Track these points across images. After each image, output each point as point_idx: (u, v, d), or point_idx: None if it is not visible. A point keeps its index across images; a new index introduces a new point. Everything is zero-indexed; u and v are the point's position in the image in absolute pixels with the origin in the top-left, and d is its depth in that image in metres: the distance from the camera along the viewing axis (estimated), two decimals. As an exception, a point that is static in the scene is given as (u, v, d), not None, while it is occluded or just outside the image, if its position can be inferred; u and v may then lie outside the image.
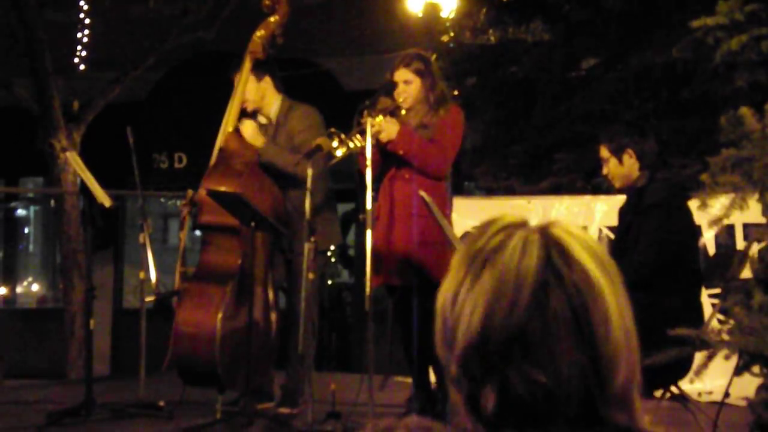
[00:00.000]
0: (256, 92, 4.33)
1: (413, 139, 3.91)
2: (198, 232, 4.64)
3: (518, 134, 6.23)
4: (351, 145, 3.83)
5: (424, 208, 3.77)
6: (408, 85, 3.96)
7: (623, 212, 3.77)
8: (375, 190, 3.89)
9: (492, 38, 6.37)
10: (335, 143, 3.82)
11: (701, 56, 4.02)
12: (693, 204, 3.33)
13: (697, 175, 3.08)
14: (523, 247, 0.81)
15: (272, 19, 4.42)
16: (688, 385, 3.38)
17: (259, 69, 4.33)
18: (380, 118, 3.90)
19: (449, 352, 0.80)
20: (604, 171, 3.73)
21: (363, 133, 3.87)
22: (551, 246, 0.81)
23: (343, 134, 3.83)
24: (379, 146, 3.94)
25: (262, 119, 4.40)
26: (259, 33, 4.38)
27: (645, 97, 5.84)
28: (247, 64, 4.33)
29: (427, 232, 3.86)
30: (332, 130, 3.86)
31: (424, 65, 3.99)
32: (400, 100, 3.97)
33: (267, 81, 4.36)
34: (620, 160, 3.63)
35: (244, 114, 4.41)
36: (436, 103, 3.96)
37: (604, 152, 3.68)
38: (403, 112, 3.98)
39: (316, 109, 4.40)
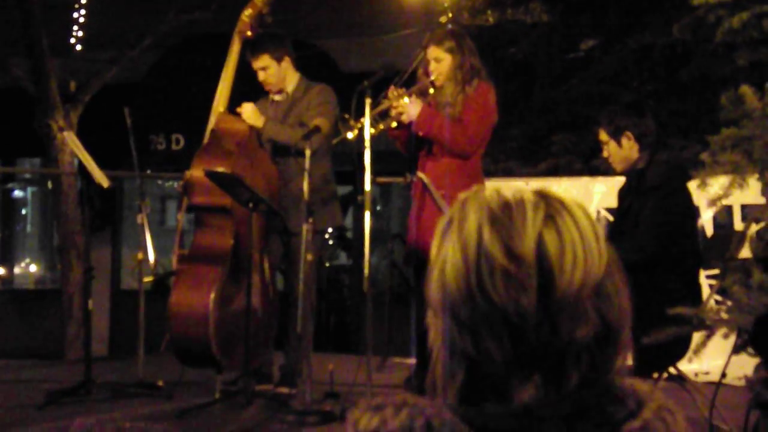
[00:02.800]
0: (277, 74, 4.34)
1: (434, 119, 3.87)
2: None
3: (517, 116, 6.21)
4: (366, 127, 3.80)
5: (453, 188, 3.75)
6: (439, 62, 3.92)
7: (623, 193, 3.76)
8: (411, 170, 3.91)
9: (490, 19, 6.33)
10: (349, 126, 3.83)
11: (701, 37, 4.00)
12: (692, 185, 3.33)
13: (697, 156, 3.08)
14: (584, 211, 0.88)
15: (259, -3, 4.42)
16: (685, 366, 3.40)
17: (278, 51, 4.32)
18: (403, 98, 3.87)
19: (527, 288, 0.83)
20: (604, 154, 3.71)
21: (383, 114, 3.88)
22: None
23: (353, 120, 3.82)
24: (404, 127, 3.94)
25: (278, 97, 4.41)
26: (247, 12, 4.40)
27: (644, 77, 5.83)
28: (237, 44, 4.36)
29: None
30: (345, 116, 3.85)
31: (456, 42, 3.94)
32: (432, 77, 3.93)
33: (287, 61, 4.37)
34: (619, 143, 3.61)
35: (237, 94, 4.41)
36: (463, 81, 3.91)
37: (603, 135, 3.66)
38: (432, 90, 3.95)
39: (331, 89, 4.40)
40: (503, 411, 0.82)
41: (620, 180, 3.86)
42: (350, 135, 3.86)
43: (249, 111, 4.26)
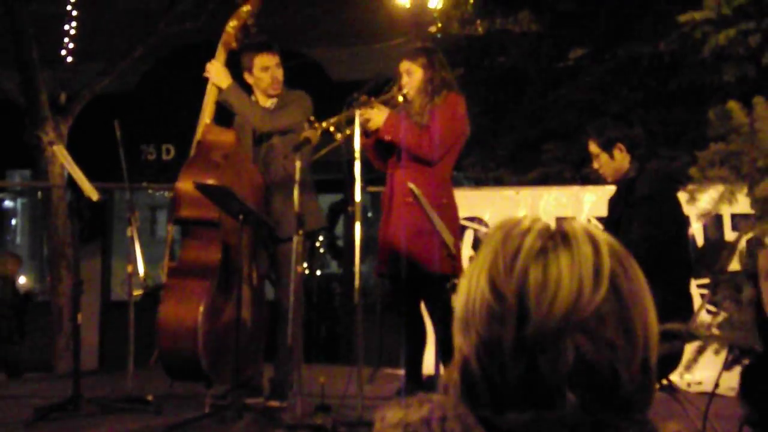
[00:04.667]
0: (264, 80, 4.36)
1: (400, 124, 3.95)
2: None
3: (506, 125, 6.22)
4: (333, 132, 3.85)
5: (424, 196, 3.77)
6: (410, 75, 4.02)
7: (613, 203, 3.77)
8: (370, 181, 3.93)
9: (480, 29, 6.35)
10: (315, 128, 3.85)
11: (689, 48, 4.02)
12: (682, 195, 3.33)
13: (686, 167, 3.08)
14: (593, 244, 0.86)
15: (244, 8, 4.42)
16: (677, 376, 3.39)
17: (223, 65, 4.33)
18: (369, 107, 3.91)
19: (507, 324, 0.83)
20: (595, 165, 3.71)
21: (350, 121, 3.89)
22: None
23: (325, 122, 3.84)
24: (368, 134, 3.98)
25: (268, 103, 4.41)
26: (232, 23, 4.39)
27: (632, 86, 5.84)
28: (222, 55, 4.35)
29: (421, 222, 3.86)
30: (311, 118, 3.89)
31: (427, 57, 4.03)
32: (404, 91, 4.01)
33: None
34: (611, 155, 3.62)
35: (222, 106, 4.41)
36: (433, 92, 3.99)
37: (594, 147, 3.66)
38: (400, 99, 4.00)
39: (307, 95, 4.42)
40: (521, 418, 0.83)
41: (611, 189, 3.86)
42: (315, 139, 3.87)
43: (214, 69, 4.27)
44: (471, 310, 0.85)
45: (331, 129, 3.85)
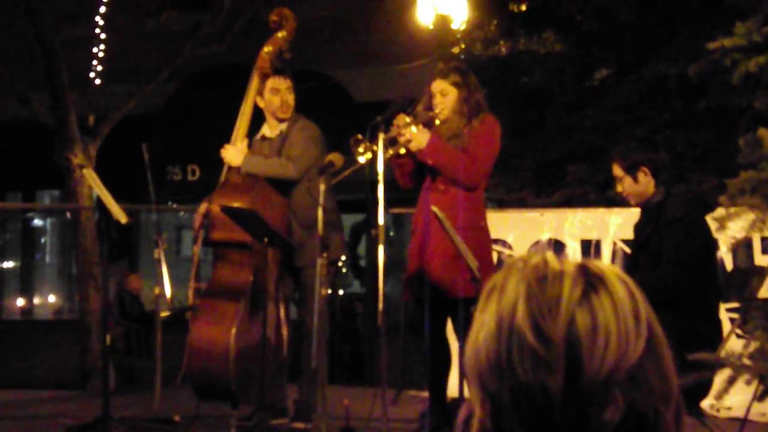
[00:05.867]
0: (273, 104, 4.38)
1: (443, 149, 3.90)
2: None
3: (530, 146, 6.21)
4: (377, 151, 3.81)
5: (459, 219, 3.76)
6: (444, 96, 3.96)
7: (640, 226, 3.73)
8: (407, 201, 3.89)
9: (503, 49, 6.36)
10: (361, 149, 3.83)
11: (718, 69, 4.00)
12: (711, 220, 3.31)
13: (715, 190, 3.06)
14: (626, 287, 0.84)
15: (279, 34, 4.45)
16: (706, 401, 3.35)
17: (256, 91, 4.36)
18: (411, 127, 3.90)
19: (553, 371, 0.81)
20: (618, 189, 3.69)
21: (392, 141, 3.89)
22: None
23: (368, 141, 3.83)
24: (411, 156, 3.96)
25: (269, 132, 4.44)
26: (267, 49, 4.42)
27: (659, 107, 5.82)
28: (255, 80, 4.38)
29: (453, 246, 3.82)
30: (358, 136, 3.85)
31: (461, 77, 3.98)
32: (437, 111, 3.97)
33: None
34: (635, 179, 3.59)
35: (255, 129, 4.45)
36: (470, 114, 3.94)
37: (618, 170, 3.63)
38: (438, 122, 3.98)
39: (314, 125, 4.42)
40: None
41: (637, 211, 3.84)
42: (362, 159, 3.87)
43: (229, 154, 4.31)
44: (506, 352, 0.82)
45: (380, 150, 3.82)
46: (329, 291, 4.24)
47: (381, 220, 3.84)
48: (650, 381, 0.81)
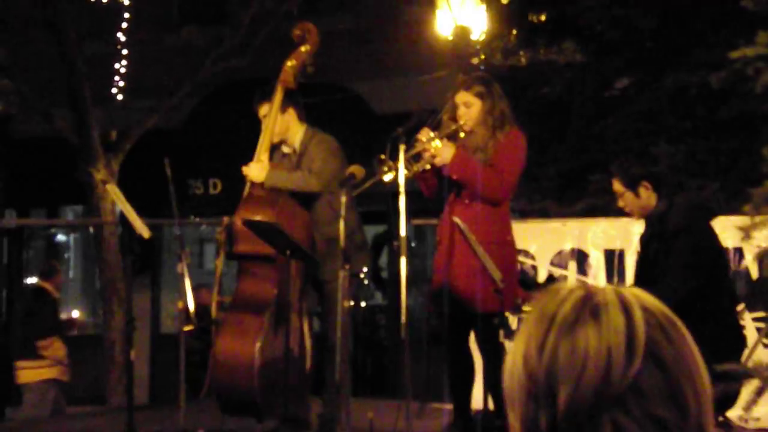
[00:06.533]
0: (281, 124, 4.37)
1: (468, 163, 3.87)
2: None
3: (552, 156, 6.19)
4: (401, 174, 3.81)
5: (484, 233, 3.74)
6: (468, 107, 3.92)
7: (646, 239, 3.73)
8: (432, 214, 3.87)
9: (523, 60, 6.35)
10: (385, 168, 3.83)
11: (740, 78, 3.97)
12: (735, 227, 3.29)
13: (715, 194, 3.04)
14: (624, 307, 0.82)
15: (303, 48, 4.45)
16: (733, 411, 3.31)
17: (283, 101, 4.36)
18: (434, 141, 3.89)
19: (541, 405, 0.81)
20: (620, 204, 3.68)
21: (417, 157, 3.89)
22: (644, 307, 0.84)
23: (391, 161, 3.82)
24: (435, 170, 3.94)
25: (286, 149, 4.45)
26: (290, 63, 4.40)
27: (681, 116, 5.78)
28: (279, 94, 4.36)
29: (477, 259, 3.80)
30: (381, 156, 3.85)
31: (485, 87, 3.94)
32: (461, 122, 3.94)
33: (290, 113, 4.39)
34: (636, 193, 3.58)
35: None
36: (494, 126, 3.90)
37: (618, 186, 3.63)
38: (462, 135, 3.96)
39: (332, 138, 4.42)
40: None
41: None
42: (387, 177, 3.86)
43: (253, 171, 4.31)
44: (510, 388, 0.83)
45: (407, 169, 3.81)
46: (351, 303, 4.23)
47: (403, 232, 3.83)
48: (654, 412, 0.79)
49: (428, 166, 3.94)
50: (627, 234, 5.15)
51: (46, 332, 5.13)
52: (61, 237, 11.47)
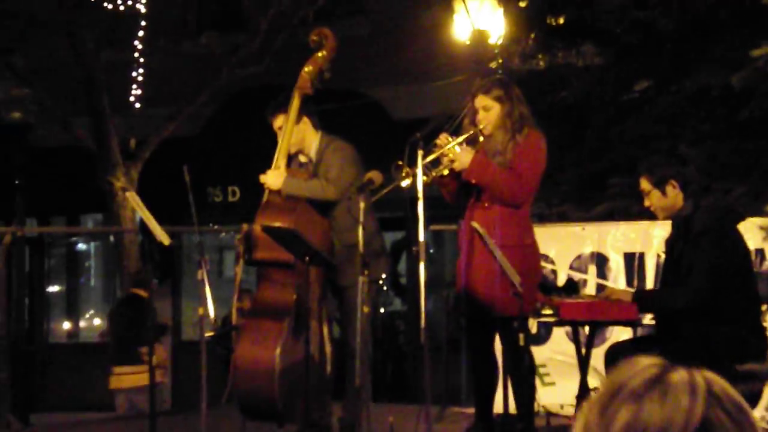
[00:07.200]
0: (296, 134, 4.37)
1: (487, 167, 3.86)
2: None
3: (570, 160, 6.16)
4: (419, 179, 3.81)
5: (504, 237, 3.73)
6: (487, 111, 3.91)
7: (671, 241, 3.72)
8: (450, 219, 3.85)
9: (541, 63, 6.33)
10: (403, 174, 3.83)
11: (762, 76, 3.94)
12: (758, 228, 3.27)
13: (741, 198, 3.02)
14: (692, 390, 0.86)
15: (320, 54, 4.44)
16: (755, 411, 3.29)
17: (299, 110, 4.35)
18: (454, 147, 3.88)
19: None
20: (646, 203, 3.66)
21: (435, 162, 3.88)
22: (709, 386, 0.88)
23: (408, 167, 3.82)
24: (454, 175, 3.94)
25: (303, 158, 4.46)
26: (307, 69, 4.40)
27: (701, 117, 5.74)
28: (296, 100, 4.36)
29: (498, 264, 3.79)
30: (399, 162, 3.84)
31: (504, 91, 3.93)
32: (480, 126, 3.93)
33: (305, 121, 4.39)
34: (663, 192, 3.57)
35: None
36: (513, 129, 3.89)
37: (646, 185, 3.61)
38: (482, 138, 3.94)
39: (349, 144, 4.41)
40: None
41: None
42: (405, 183, 3.86)
43: (269, 178, 4.32)
44: None
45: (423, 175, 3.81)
46: (371, 309, 4.23)
47: (422, 237, 3.83)
48: None
49: (446, 171, 3.94)
50: (647, 237, 5.12)
51: (150, 338, 5.20)
52: (81, 245, 11.54)
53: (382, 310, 9.57)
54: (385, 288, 9.74)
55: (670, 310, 3.55)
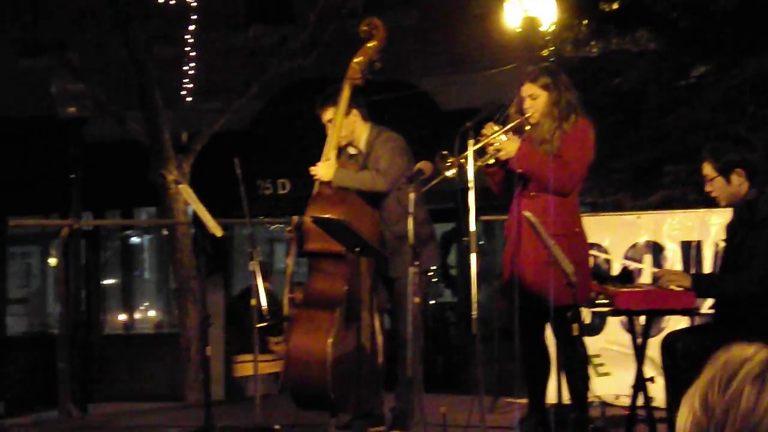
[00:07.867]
0: (346, 127, 4.36)
1: (533, 156, 3.82)
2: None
3: (625, 148, 6.04)
4: (464, 163, 3.78)
5: (552, 225, 3.68)
6: (534, 99, 3.87)
7: (732, 227, 3.61)
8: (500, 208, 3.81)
9: (594, 50, 6.21)
10: (447, 163, 3.80)
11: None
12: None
13: None
14: None
15: (370, 44, 4.41)
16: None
17: (349, 101, 4.33)
18: (500, 136, 3.85)
19: None
20: (708, 189, 3.53)
21: (481, 151, 3.85)
22: None
23: (453, 156, 3.79)
24: (501, 164, 3.90)
25: (352, 150, 4.45)
26: (357, 59, 4.38)
27: (761, 103, 5.57)
28: (347, 91, 4.34)
29: (547, 253, 3.74)
30: (443, 152, 3.82)
31: (551, 79, 3.88)
32: (527, 115, 3.89)
33: (355, 113, 4.37)
34: (728, 179, 3.44)
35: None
36: (561, 116, 3.84)
37: (709, 170, 3.48)
38: (528, 127, 3.90)
39: (398, 135, 4.39)
40: None
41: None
42: (450, 173, 3.83)
43: (320, 170, 4.31)
44: (682, 428, 0.93)
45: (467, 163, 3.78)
46: (422, 300, 4.21)
47: (473, 227, 3.79)
48: None
49: (492, 161, 3.90)
50: (704, 225, 5.00)
51: (278, 329, 5.32)
52: (135, 238, 11.74)
53: (432, 302, 9.55)
54: (435, 279, 9.71)
55: (732, 296, 3.46)
